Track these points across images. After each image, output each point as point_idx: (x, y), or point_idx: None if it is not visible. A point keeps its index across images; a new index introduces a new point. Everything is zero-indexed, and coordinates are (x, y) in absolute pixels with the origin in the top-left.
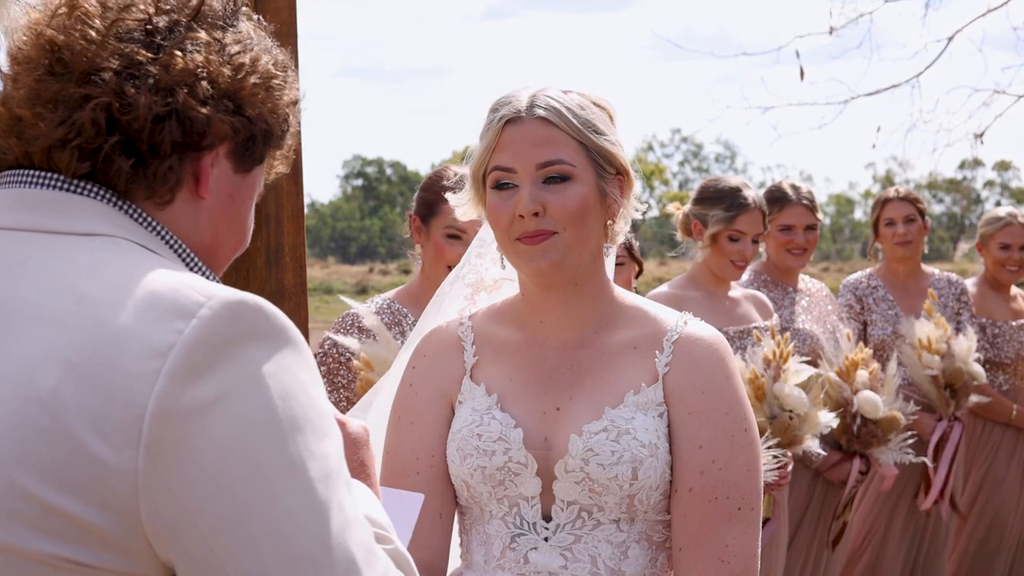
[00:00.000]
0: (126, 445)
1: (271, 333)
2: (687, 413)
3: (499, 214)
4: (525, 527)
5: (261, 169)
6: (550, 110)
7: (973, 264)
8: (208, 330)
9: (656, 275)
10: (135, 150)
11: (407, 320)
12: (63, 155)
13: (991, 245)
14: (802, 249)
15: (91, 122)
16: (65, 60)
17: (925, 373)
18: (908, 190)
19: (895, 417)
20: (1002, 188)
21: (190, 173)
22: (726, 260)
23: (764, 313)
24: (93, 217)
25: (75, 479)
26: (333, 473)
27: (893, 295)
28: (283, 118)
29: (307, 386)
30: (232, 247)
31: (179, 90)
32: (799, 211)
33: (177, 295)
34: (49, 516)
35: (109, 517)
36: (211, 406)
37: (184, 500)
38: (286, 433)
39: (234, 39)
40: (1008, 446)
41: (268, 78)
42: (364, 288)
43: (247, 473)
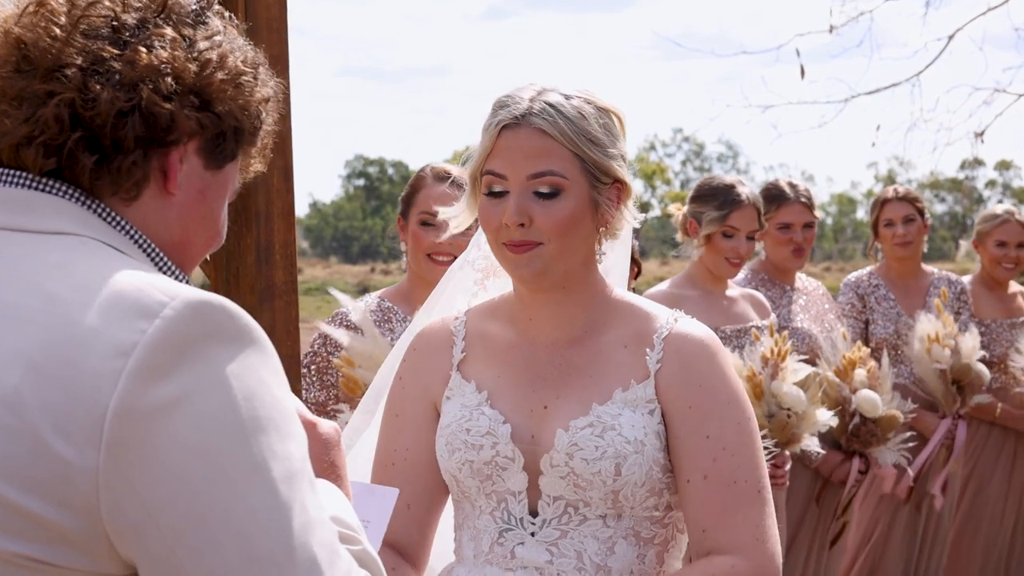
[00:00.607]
0: (87, 444)
1: (235, 333)
2: (687, 407)
3: (489, 218)
4: (512, 522)
5: (234, 166)
6: (547, 119)
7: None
8: (171, 330)
9: (657, 275)
10: (99, 146)
11: (396, 317)
12: (28, 152)
13: (988, 242)
14: (800, 247)
15: (54, 118)
16: (31, 57)
17: (934, 367)
18: (907, 189)
19: (894, 416)
20: (1004, 187)
21: (158, 169)
22: (721, 258)
23: (762, 312)
24: (61, 216)
25: (37, 477)
26: (296, 473)
27: (894, 294)
28: (255, 115)
29: (271, 387)
30: (204, 244)
31: (143, 86)
32: (797, 209)
33: (141, 295)
34: (11, 514)
35: (70, 516)
36: (173, 406)
37: (145, 499)
38: (249, 433)
39: (203, 35)
40: (994, 445)
41: (237, 75)
42: (366, 288)
43: (209, 473)
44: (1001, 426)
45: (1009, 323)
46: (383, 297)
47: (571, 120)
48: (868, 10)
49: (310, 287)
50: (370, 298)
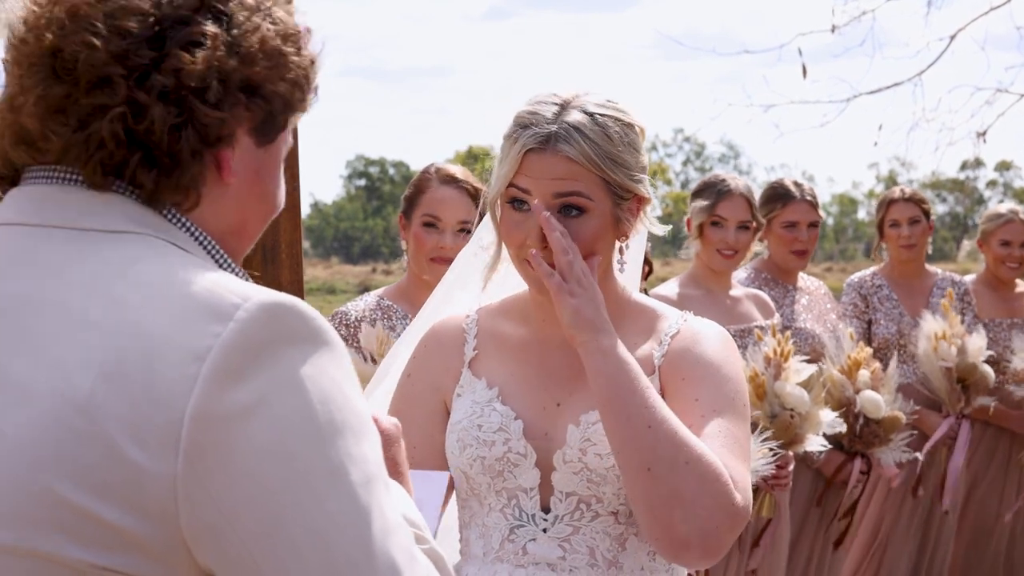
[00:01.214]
0: (164, 451)
1: (308, 335)
2: (680, 379)
3: (511, 233)
4: (524, 519)
5: (286, 133)
6: (574, 144)
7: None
8: (245, 333)
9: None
10: (155, 160)
11: (397, 315)
12: (85, 170)
13: (992, 242)
14: (804, 247)
15: (111, 136)
16: (68, 66)
17: (940, 365)
18: (913, 190)
19: (897, 417)
20: (1005, 188)
21: (211, 164)
22: (713, 249)
23: (766, 312)
24: (124, 215)
25: (112, 485)
26: (373, 477)
27: (897, 294)
28: (300, 85)
29: (344, 388)
30: (261, 219)
31: (190, 96)
32: (802, 208)
33: (212, 297)
34: (85, 523)
35: (147, 524)
36: (250, 410)
37: (224, 506)
38: (326, 437)
39: (240, 19)
40: (988, 444)
41: (279, 56)
42: (367, 288)
43: (288, 478)
44: (996, 426)
45: (1009, 323)
46: (383, 296)
47: (596, 144)
48: (870, 9)
49: (311, 287)
50: (369, 297)
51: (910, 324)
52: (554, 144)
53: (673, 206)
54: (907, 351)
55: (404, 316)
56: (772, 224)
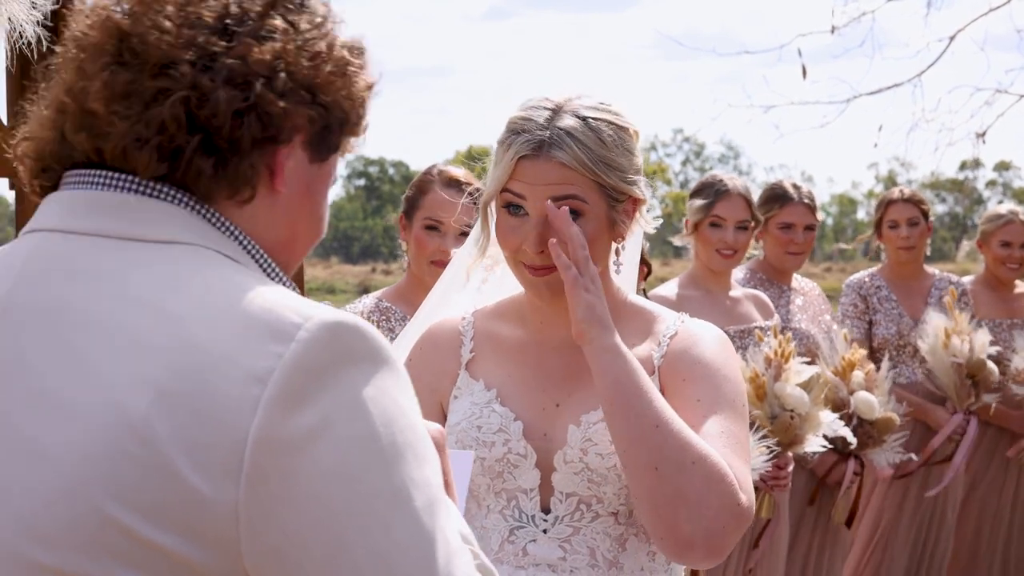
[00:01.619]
0: (225, 477)
1: (368, 354)
2: (680, 380)
3: (507, 236)
4: (524, 520)
5: (336, 158)
6: (567, 150)
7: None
8: (308, 354)
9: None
10: (215, 148)
11: (395, 316)
12: (141, 155)
13: (992, 243)
14: (800, 249)
15: (172, 118)
16: (136, 50)
17: (950, 361)
18: (913, 191)
19: (891, 418)
20: (1004, 188)
21: (265, 167)
22: (712, 250)
23: (765, 313)
24: (172, 223)
25: (168, 510)
26: (436, 500)
27: (896, 295)
28: (359, 104)
29: (405, 409)
30: (309, 239)
31: (256, 83)
32: (800, 210)
33: (271, 315)
34: (138, 547)
35: (205, 550)
36: (314, 434)
37: (288, 532)
38: (389, 461)
39: (309, 23)
40: (988, 443)
41: (344, 64)
42: (367, 288)
43: (352, 502)
44: (996, 426)
45: (1009, 323)
46: (381, 298)
47: (590, 149)
48: (870, 10)
49: (311, 287)
50: (368, 299)
51: (909, 325)
52: (547, 150)
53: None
54: (906, 351)
55: (403, 318)
56: (769, 225)
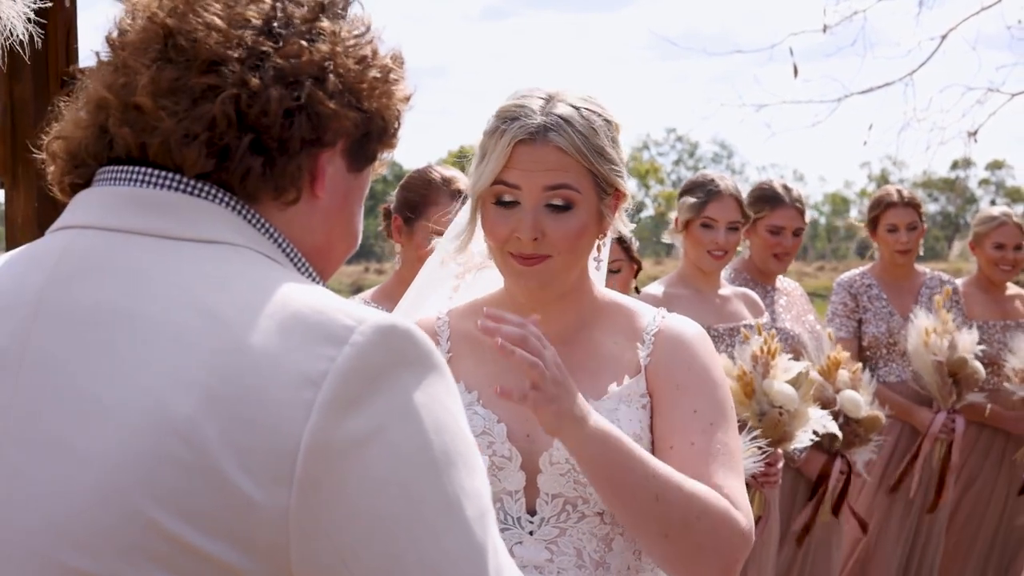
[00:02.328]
0: (276, 482)
1: (418, 359)
2: (675, 387)
3: (497, 227)
4: (509, 522)
5: (371, 169)
6: (564, 136)
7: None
8: (362, 357)
9: (651, 274)
10: (263, 147)
11: None
12: (189, 151)
13: (985, 244)
14: (786, 251)
15: (223, 115)
16: (182, 46)
17: (931, 359)
18: (911, 194)
19: (876, 416)
20: (997, 187)
21: (307, 171)
22: (703, 250)
23: (755, 311)
24: (215, 223)
25: (214, 515)
26: (486, 511)
27: (886, 294)
28: (396, 114)
29: (456, 416)
30: (344, 249)
31: (307, 83)
32: (791, 214)
33: (323, 317)
34: (181, 554)
35: (252, 558)
36: (367, 440)
37: (339, 541)
38: (441, 469)
39: (353, 29)
40: (983, 444)
41: (387, 71)
42: (360, 288)
43: (405, 512)
44: (991, 427)
45: (1002, 324)
46: (367, 299)
47: (585, 136)
48: (861, 9)
49: None
50: (358, 299)
51: (899, 323)
52: (545, 134)
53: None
54: (896, 350)
55: None
56: (757, 226)
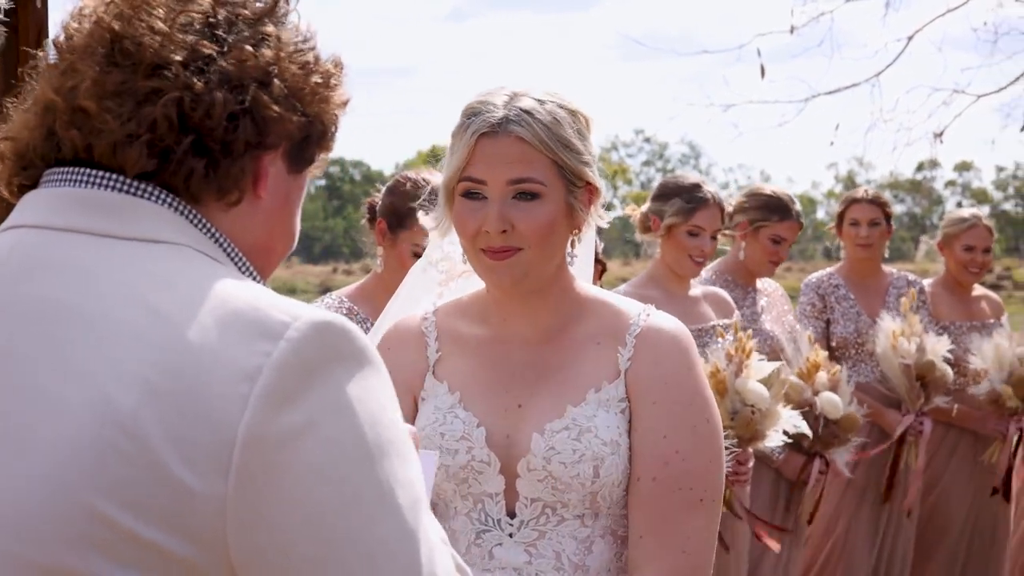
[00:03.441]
0: (214, 472)
1: (354, 354)
2: (651, 403)
3: (466, 223)
4: (490, 524)
5: (309, 171)
6: (525, 127)
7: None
8: (296, 353)
9: (619, 275)
10: (206, 149)
11: (357, 318)
12: (130, 151)
13: (955, 246)
14: (781, 260)
15: (164, 117)
16: (128, 51)
17: (899, 362)
18: (877, 192)
19: (854, 417)
20: (963, 188)
21: (251, 173)
22: (684, 255)
23: (725, 311)
24: (158, 223)
25: (157, 505)
26: (418, 499)
27: (854, 294)
28: (335, 118)
29: (389, 409)
30: (284, 248)
31: (251, 87)
32: (794, 227)
33: (259, 314)
34: (126, 543)
35: (193, 546)
36: (302, 432)
37: (275, 529)
38: (375, 459)
39: (296, 35)
40: (949, 444)
41: (328, 77)
42: (328, 288)
43: (340, 501)
44: (958, 427)
45: (968, 325)
46: (344, 298)
47: (547, 126)
48: (828, 11)
49: (272, 287)
50: (331, 299)
51: (867, 324)
52: (506, 126)
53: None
54: (864, 350)
55: (365, 319)
56: (759, 233)
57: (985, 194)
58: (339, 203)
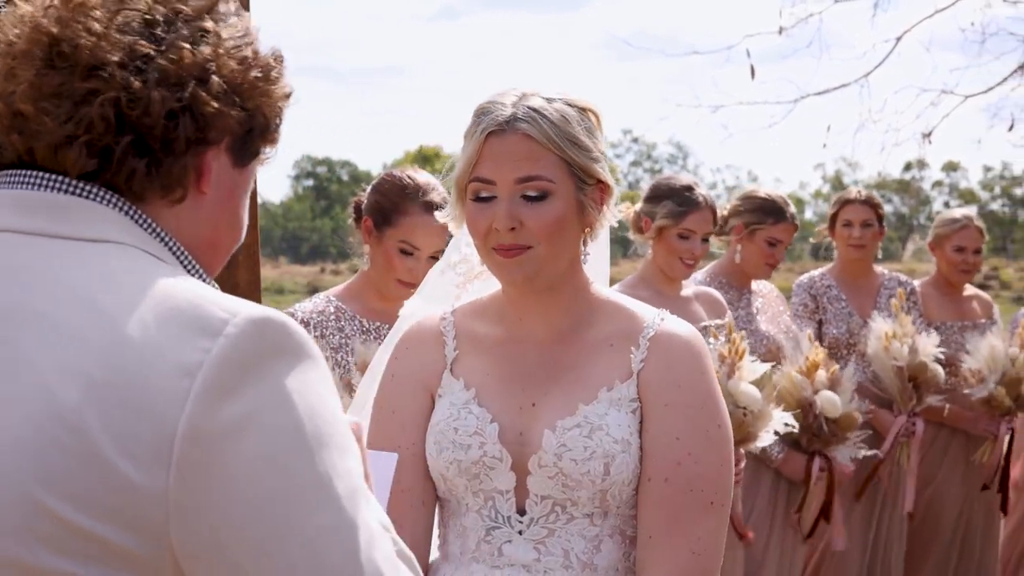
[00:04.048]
0: (155, 466)
1: (292, 349)
2: (663, 405)
3: (477, 223)
4: (500, 520)
5: (255, 164)
6: (533, 124)
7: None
8: (235, 348)
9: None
10: (147, 148)
11: (345, 317)
12: (69, 152)
13: (946, 246)
14: (778, 261)
15: (100, 118)
16: (65, 53)
17: (891, 364)
18: (870, 193)
19: (852, 415)
20: (950, 189)
21: (193, 169)
22: (675, 258)
23: (717, 311)
24: (101, 222)
25: (100, 500)
26: (357, 489)
27: (845, 294)
28: (278, 111)
29: (328, 402)
30: (230, 243)
31: (190, 84)
32: (790, 229)
33: (199, 311)
34: (70, 536)
35: (136, 537)
36: (241, 426)
37: (216, 521)
38: (314, 451)
39: (235, 30)
40: (941, 444)
41: (268, 70)
42: (316, 288)
43: (280, 493)
44: (950, 427)
45: (960, 325)
46: (333, 297)
47: (555, 124)
48: (817, 12)
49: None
50: (319, 298)
51: (859, 324)
52: (514, 124)
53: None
54: (856, 350)
55: (353, 318)
56: (755, 235)
57: (972, 194)
58: (327, 203)
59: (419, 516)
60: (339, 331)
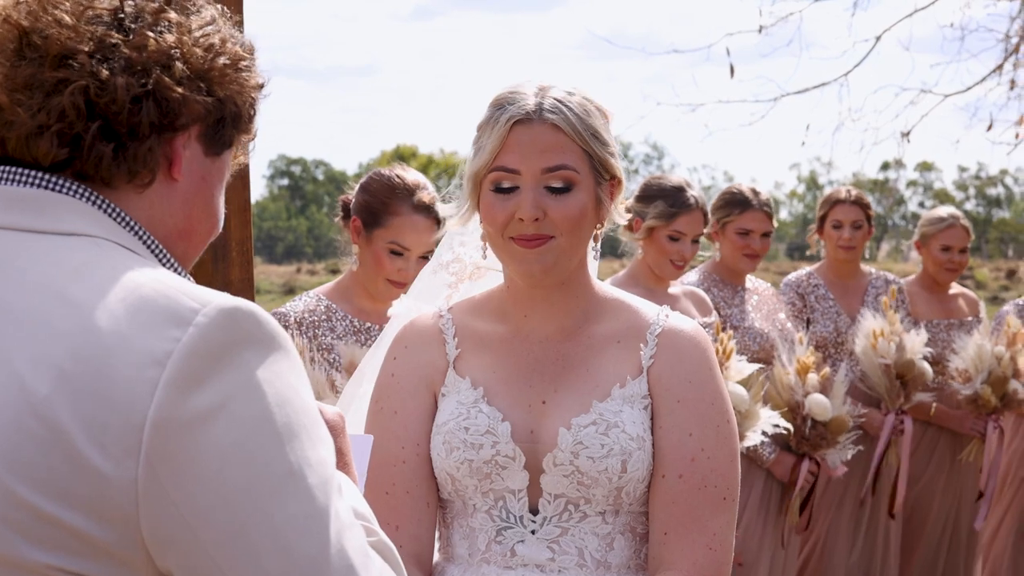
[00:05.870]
0: (125, 455)
1: (263, 339)
2: (675, 401)
3: (495, 212)
4: (511, 520)
5: (230, 153)
6: (559, 115)
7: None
8: (205, 338)
9: None
10: (114, 134)
11: (336, 316)
12: (41, 142)
13: (932, 245)
14: (756, 253)
15: (71, 106)
16: (36, 44)
17: (879, 362)
18: (860, 193)
19: (843, 419)
20: (924, 189)
21: (163, 155)
22: (665, 259)
23: (703, 310)
24: (74, 216)
25: (71, 489)
26: (328, 479)
27: (833, 293)
28: (250, 101)
29: (299, 391)
30: (206, 232)
31: (155, 70)
32: (759, 217)
33: (169, 301)
34: (43, 525)
35: (107, 527)
36: (211, 415)
37: (186, 510)
38: (284, 440)
39: (202, 19)
40: (928, 442)
41: (237, 59)
42: (292, 288)
43: (249, 482)
44: (936, 426)
45: (946, 323)
46: (322, 295)
47: (580, 117)
48: (797, 11)
49: None
50: (308, 297)
51: (847, 323)
52: (541, 114)
53: None
54: (844, 349)
55: (344, 317)
56: (726, 229)
57: (947, 194)
58: (302, 203)
59: (424, 517)
60: (331, 331)
